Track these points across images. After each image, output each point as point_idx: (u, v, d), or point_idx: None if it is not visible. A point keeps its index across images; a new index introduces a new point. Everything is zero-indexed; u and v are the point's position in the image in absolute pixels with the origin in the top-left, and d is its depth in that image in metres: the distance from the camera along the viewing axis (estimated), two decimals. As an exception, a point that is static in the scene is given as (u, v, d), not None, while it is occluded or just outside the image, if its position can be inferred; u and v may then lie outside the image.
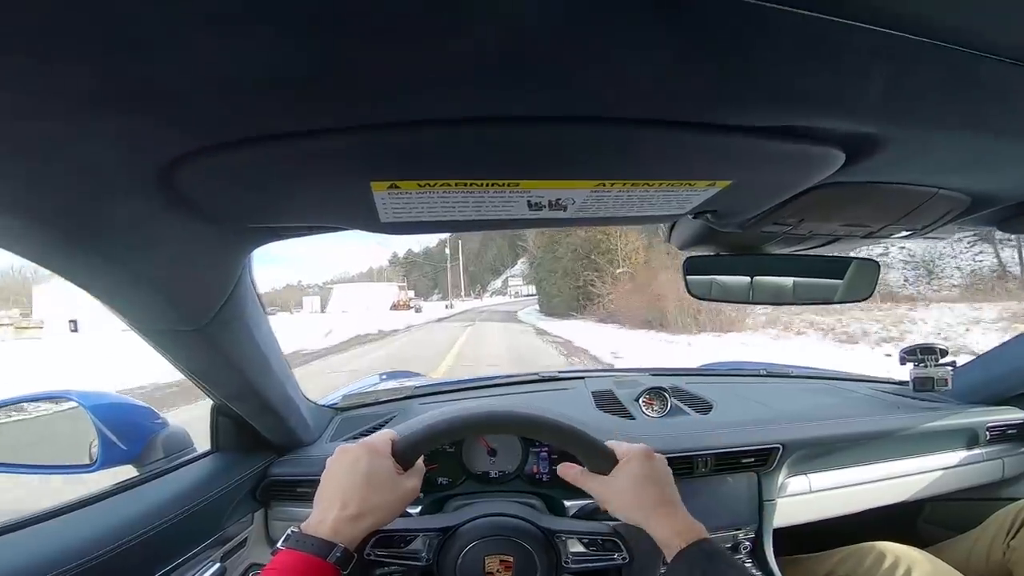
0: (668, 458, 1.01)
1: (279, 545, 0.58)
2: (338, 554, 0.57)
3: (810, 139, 0.41)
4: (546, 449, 1.06)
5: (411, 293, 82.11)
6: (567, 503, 1.00)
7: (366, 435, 1.09)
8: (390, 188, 0.40)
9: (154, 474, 0.86)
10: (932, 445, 1.21)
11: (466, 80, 0.29)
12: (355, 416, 1.24)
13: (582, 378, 1.44)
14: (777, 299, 0.89)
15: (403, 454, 0.68)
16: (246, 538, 0.94)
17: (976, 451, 1.23)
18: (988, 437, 1.23)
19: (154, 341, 0.66)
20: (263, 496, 0.98)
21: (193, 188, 0.40)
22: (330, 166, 0.38)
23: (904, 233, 0.71)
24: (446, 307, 49.42)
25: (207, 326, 0.64)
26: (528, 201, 0.45)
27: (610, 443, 0.71)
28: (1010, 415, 1.26)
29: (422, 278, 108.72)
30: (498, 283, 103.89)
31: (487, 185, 0.41)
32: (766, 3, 0.27)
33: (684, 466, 1.05)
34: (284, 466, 1.00)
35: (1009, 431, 1.25)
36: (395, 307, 53.52)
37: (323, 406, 1.25)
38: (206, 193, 0.42)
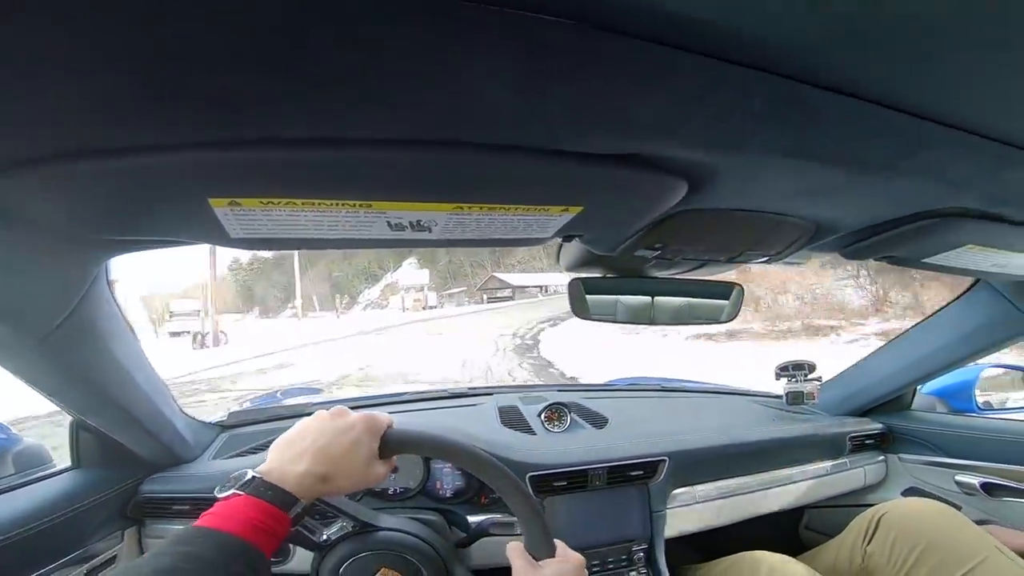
0: (564, 472, 1.05)
1: (233, 488, 0.53)
2: (298, 509, 0.55)
3: (653, 168, 0.42)
4: (448, 465, 1.05)
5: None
6: (470, 519, 1.00)
7: (255, 452, 1.04)
8: (231, 205, 0.39)
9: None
10: (803, 455, 1.31)
11: (305, 100, 0.29)
12: (243, 433, 1.18)
13: (491, 394, 1.45)
14: (676, 320, 0.92)
15: (390, 442, 0.66)
16: (115, 555, 0.91)
17: (841, 460, 1.35)
18: (850, 447, 1.35)
19: None
20: (135, 513, 0.94)
21: (25, 198, 0.38)
22: (165, 182, 0.36)
23: (762, 258, 0.76)
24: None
25: (48, 338, 0.61)
26: (388, 222, 0.45)
27: (557, 541, 0.71)
28: (868, 426, 1.39)
29: (271, 288, 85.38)
30: (375, 291, 77.95)
31: (336, 205, 0.40)
32: (604, 31, 0.28)
33: (579, 480, 1.07)
34: (158, 483, 0.96)
35: (867, 441, 1.38)
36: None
37: (207, 423, 1.19)
38: (40, 204, 0.39)
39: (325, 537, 0.77)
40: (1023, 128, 0.45)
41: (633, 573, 1.11)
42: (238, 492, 0.53)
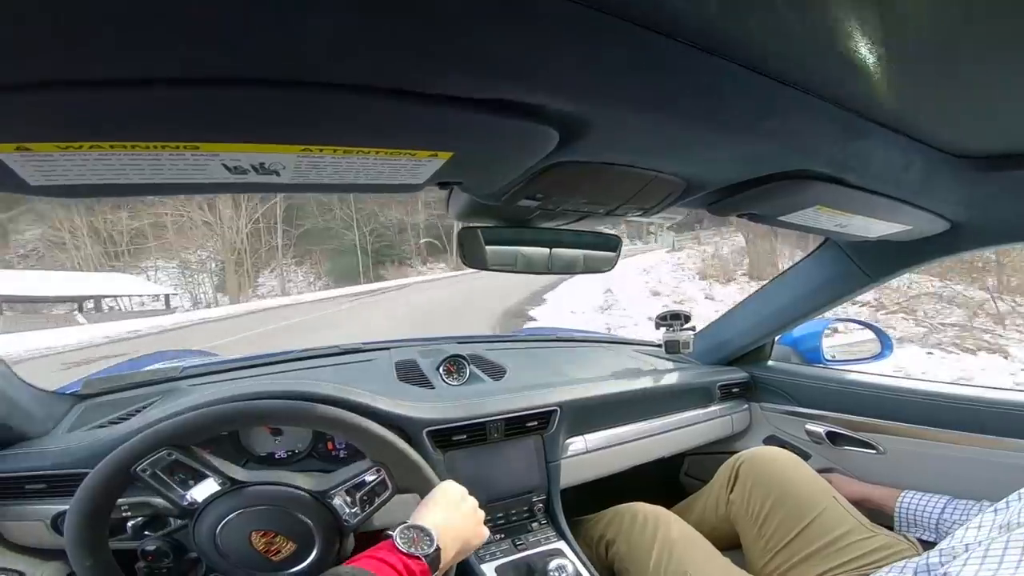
0: (463, 426, 1.06)
1: (420, 553, 0.64)
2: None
3: (523, 115, 0.42)
4: None
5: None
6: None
7: (119, 423, 0.95)
8: (19, 150, 0.35)
9: None
10: (680, 403, 1.42)
11: (96, 37, 0.26)
12: (104, 403, 1.06)
13: (387, 348, 1.42)
14: (569, 269, 0.93)
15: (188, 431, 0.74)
16: None
17: (712, 408, 1.48)
18: (719, 395, 1.48)
19: None
20: None
21: None
22: None
23: (638, 212, 0.79)
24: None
25: None
26: (224, 164, 0.42)
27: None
28: (734, 375, 1.53)
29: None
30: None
31: (154, 147, 0.37)
32: None
33: (478, 433, 1.09)
34: (4, 462, 0.86)
35: (734, 389, 1.52)
36: None
37: (58, 393, 1.06)
38: None
39: (190, 500, 0.73)
40: (870, 99, 0.50)
41: (535, 524, 1.15)
42: (420, 560, 0.64)
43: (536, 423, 1.15)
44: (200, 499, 0.73)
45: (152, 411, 0.96)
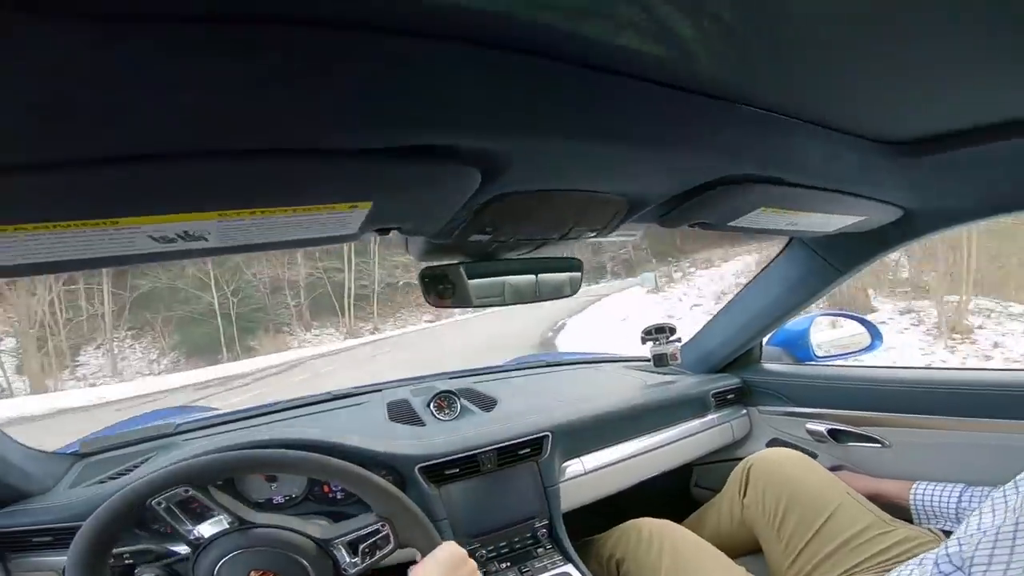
0: (454, 459, 1.07)
1: None
2: None
3: (439, 158, 0.42)
4: None
5: None
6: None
7: (117, 478, 0.97)
8: None
9: None
10: (675, 415, 1.40)
11: (11, 123, 0.27)
12: (103, 460, 1.09)
13: (379, 390, 1.43)
14: (557, 294, 0.92)
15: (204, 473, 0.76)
16: None
17: (709, 416, 1.46)
18: (715, 403, 1.47)
19: None
20: None
21: None
22: None
23: (591, 234, 0.80)
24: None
25: None
26: (149, 236, 0.42)
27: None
28: (726, 381, 1.52)
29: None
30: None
31: (76, 226, 0.37)
32: (325, 27, 0.28)
33: (471, 464, 1.09)
34: (6, 518, 0.91)
35: (728, 395, 1.51)
36: None
37: (57, 453, 1.09)
38: None
39: (196, 535, 0.75)
40: (786, 97, 0.51)
41: (540, 550, 1.13)
42: None
43: (529, 450, 1.15)
44: (206, 535, 0.76)
45: (148, 466, 0.98)
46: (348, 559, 0.80)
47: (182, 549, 0.78)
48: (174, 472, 0.74)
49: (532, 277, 0.85)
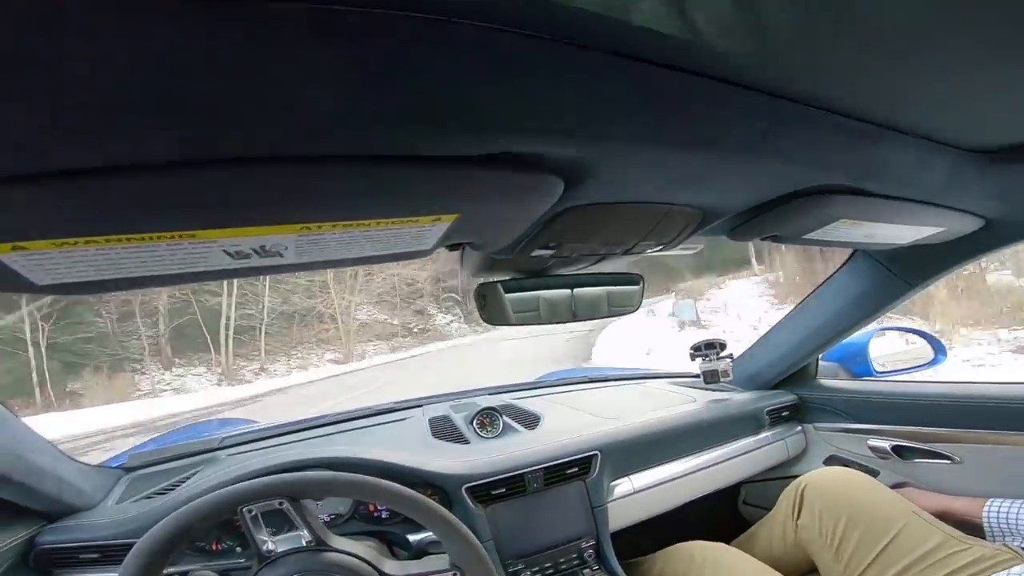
0: (501, 479, 1.04)
1: None
2: None
3: (525, 167, 0.41)
4: None
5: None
6: (411, 537, 0.98)
7: (164, 493, 0.97)
8: (14, 250, 0.34)
9: None
10: (727, 433, 1.36)
11: (84, 125, 0.26)
12: (149, 475, 1.10)
13: (420, 406, 1.42)
14: (594, 311, 0.92)
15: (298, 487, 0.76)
16: None
17: (763, 434, 1.42)
18: (769, 420, 1.42)
19: None
20: (38, 565, 0.91)
21: None
22: None
23: (657, 248, 0.78)
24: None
25: None
26: (224, 251, 0.40)
27: None
28: (782, 398, 1.47)
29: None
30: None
31: (150, 239, 0.36)
32: (432, 16, 0.26)
33: (517, 485, 1.06)
34: (57, 533, 0.91)
35: (783, 412, 1.46)
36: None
37: (105, 467, 1.10)
38: None
39: (269, 548, 0.75)
40: (877, 105, 0.49)
41: (587, 571, 1.10)
42: None
43: (576, 469, 1.12)
44: (279, 549, 0.76)
45: (195, 481, 0.99)
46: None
47: (241, 560, 0.77)
48: (275, 483, 0.74)
49: (601, 291, 0.83)
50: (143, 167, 0.30)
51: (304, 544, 0.76)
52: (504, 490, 1.05)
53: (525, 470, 1.07)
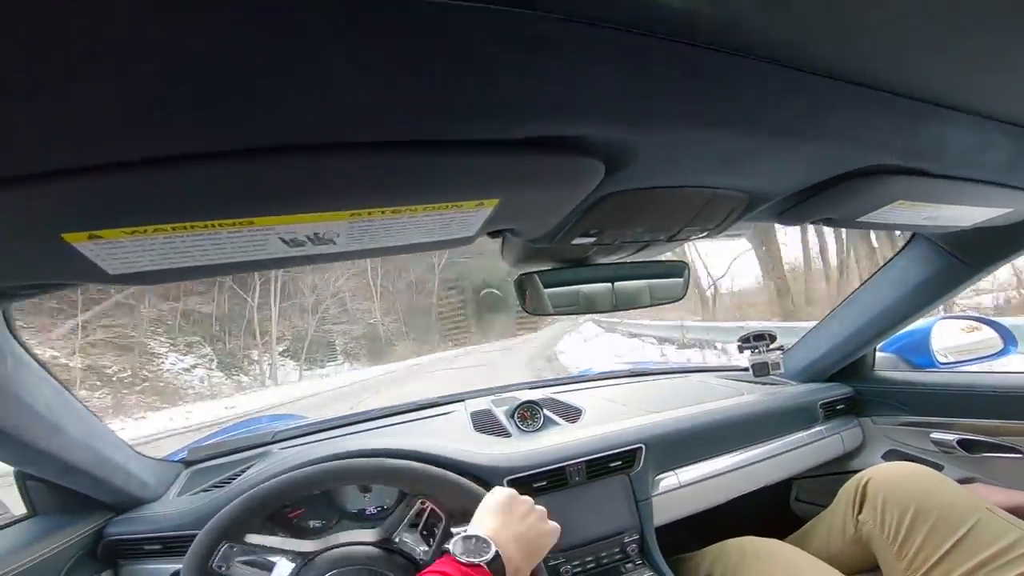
0: (542, 472, 1.05)
1: (479, 562, 0.62)
2: None
3: (566, 151, 0.41)
4: None
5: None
6: (454, 529, 0.98)
7: (220, 486, 1.02)
8: (91, 239, 0.36)
9: None
10: (779, 427, 1.32)
11: (150, 117, 0.27)
12: (207, 468, 1.15)
13: (462, 400, 1.44)
14: (636, 302, 0.91)
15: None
16: None
17: (817, 428, 1.36)
18: (823, 414, 1.37)
19: None
20: (105, 556, 0.95)
21: None
22: (7, 221, 0.33)
23: (702, 233, 0.76)
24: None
25: None
26: (280, 238, 0.42)
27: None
28: (837, 391, 1.41)
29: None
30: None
31: (213, 227, 0.37)
32: (465, 2, 0.26)
33: (559, 477, 1.06)
34: (124, 525, 0.96)
35: (838, 406, 1.40)
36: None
37: (167, 461, 1.17)
38: None
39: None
40: (931, 83, 0.46)
41: (629, 565, 1.09)
42: (481, 567, 0.62)
43: (620, 462, 1.11)
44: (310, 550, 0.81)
45: (248, 474, 1.03)
46: (418, 548, 0.82)
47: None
48: (318, 472, 0.81)
49: (643, 283, 0.82)
50: (206, 156, 0.31)
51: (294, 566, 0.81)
52: (546, 483, 1.05)
53: (567, 463, 1.07)
